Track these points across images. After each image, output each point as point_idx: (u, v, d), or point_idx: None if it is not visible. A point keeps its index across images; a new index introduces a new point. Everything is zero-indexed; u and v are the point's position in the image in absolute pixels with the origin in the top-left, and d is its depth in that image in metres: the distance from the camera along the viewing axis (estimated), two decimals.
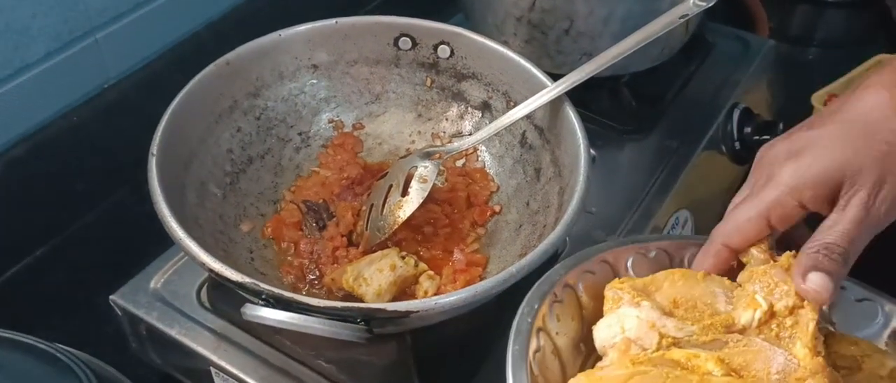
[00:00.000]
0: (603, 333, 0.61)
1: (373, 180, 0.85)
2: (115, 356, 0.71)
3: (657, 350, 0.59)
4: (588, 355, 0.65)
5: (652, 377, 0.56)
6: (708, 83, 1.07)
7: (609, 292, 0.63)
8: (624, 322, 0.60)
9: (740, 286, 0.62)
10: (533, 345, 0.61)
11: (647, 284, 0.63)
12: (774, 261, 0.62)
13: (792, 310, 0.59)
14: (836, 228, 0.59)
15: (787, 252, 0.61)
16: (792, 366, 0.57)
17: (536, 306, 0.63)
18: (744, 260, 0.64)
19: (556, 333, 0.64)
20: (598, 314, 0.64)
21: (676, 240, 0.71)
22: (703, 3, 0.78)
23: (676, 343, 0.59)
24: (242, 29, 0.87)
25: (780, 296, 0.59)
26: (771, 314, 0.59)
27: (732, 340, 0.59)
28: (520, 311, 0.63)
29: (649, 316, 0.60)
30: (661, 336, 0.59)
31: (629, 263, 0.70)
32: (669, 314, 0.60)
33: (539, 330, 0.63)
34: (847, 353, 0.63)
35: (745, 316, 0.59)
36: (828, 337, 0.63)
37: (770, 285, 0.60)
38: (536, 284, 0.65)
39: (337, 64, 0.89)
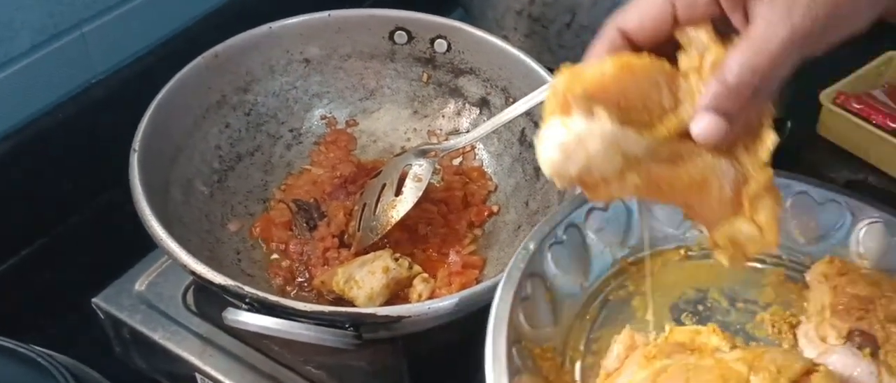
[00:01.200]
0: (556, 151, 0.50)
1: (366, 179, 0.82)
2: (100, 359, 0.70)
3: (619, 175, 0.52)
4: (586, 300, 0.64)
5: (673, 373, 0.54)
6: None
7: (551, 93, 0.51)
8: (587, 143, 0.49)
9: (683, 75, 0.53)
10: (523, 292, 0.60)
11: (591, 82, 0.51)
12: (720, 44, 0.52)
13: None
14: (736, 54, 0.49)
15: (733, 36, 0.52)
16: (741, 178, 0.53)
17: (533, 247, 0.62)
18: (682, 41, 0.54)
19: (554, 276, 0.63)
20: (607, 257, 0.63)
21: None
22: None
23: (637, 163, 0.52)
24: (235, 23, 0.85)
25: None
26: None
27: (686, 152, 0.52)
28: (513, 256, 0.61)
29: (609, 132, 0.50)
30: (624, 157, 0.51)
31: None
32: (624, 123, 0.51)
33: (532, 274, 0.61)
34: None
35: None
36: None
37: None
38: (536, 226, 0.64)
39: (330, 58, 0.87)
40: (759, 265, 0.68)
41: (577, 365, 0.62)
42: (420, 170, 0.77)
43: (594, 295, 0.66)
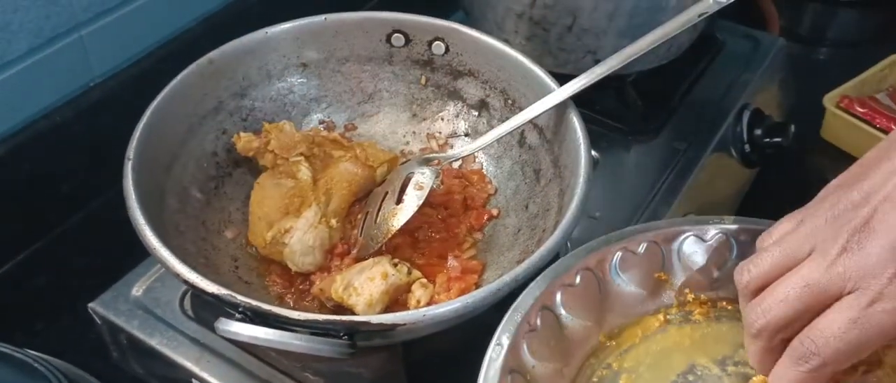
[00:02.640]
0: None
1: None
2: (97, 364, 0.69)
3: None
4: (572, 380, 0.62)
5: None
6: (717, 83, 1.04)
7: None
8: None
9: None
10: None
11: None
12: None
13: None
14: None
15: None
16: None
17: (507, 342, 0.59)
18: None
19: (533, 367, 0.60)
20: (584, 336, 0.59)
21: (665, 229, 0.67)
22: (723, 0, 0.74)
23: None
24: (234, 27, 0.84)
25: None
26: None
27: None
28: (488, 353, 0.58)
29: None
30: None
31: (616, 262, 0.65)
32: None
33: (512, 371, 0.58)
34: None
35: None
36: None
37: None
38: (507, 314, 0.61)
39: (327, 62, 0.86)
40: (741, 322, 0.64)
41: None
42: (422, 178, 0.76)
43: (578, 379, 0.63)
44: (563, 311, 0.63)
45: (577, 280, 0.64)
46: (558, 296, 0.63)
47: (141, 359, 0.79)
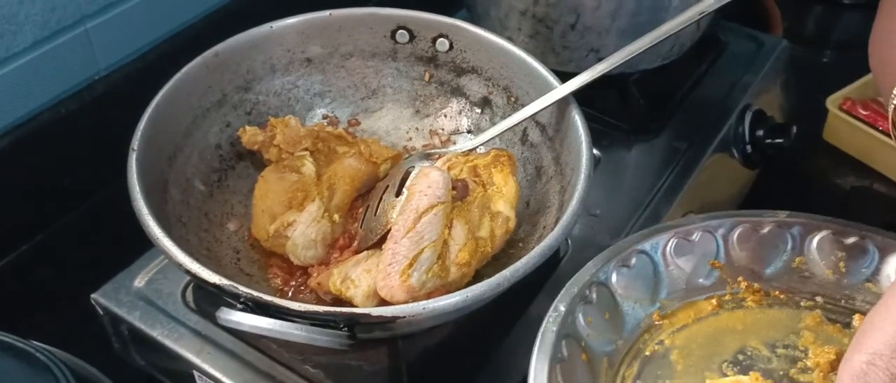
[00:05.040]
0: None
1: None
2: (99, 356, 0.69)
3: None
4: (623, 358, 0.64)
5: None
6: (720, 83, 1.04)
7: None
8: None
9: None
10: (558, 354, 0.60)
11: None
12: None
13: None
14: None
15: None
16: None
17: (563, 309, 0.62)
18: None
19: (588, 335, 0.62)
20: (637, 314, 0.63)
21: (721, 219, 0.69)
22: None
23: None
24: (238, 21, 0.84)
25: None
26: None
27: None
28: (546, 318, 0.62)
29: None
30: None
31: (671, 248, 0.68)
32: None
33: (567, 335, 0.61)
34: None
35: None
36: None
37: None
38: (565, 287, 0.65)
39: (331, 57, 0.86)
40: (794, 309, 0.68)
41: None
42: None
43: (630, 351, 0.66)
44: (618, 289, 0.67)
45: (633, 261, 0.68)
46: (614, 275, 0.67)
47: (143, 351, 0.79)
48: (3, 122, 0.88)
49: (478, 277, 0.73)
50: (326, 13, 0.84)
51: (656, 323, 0.68)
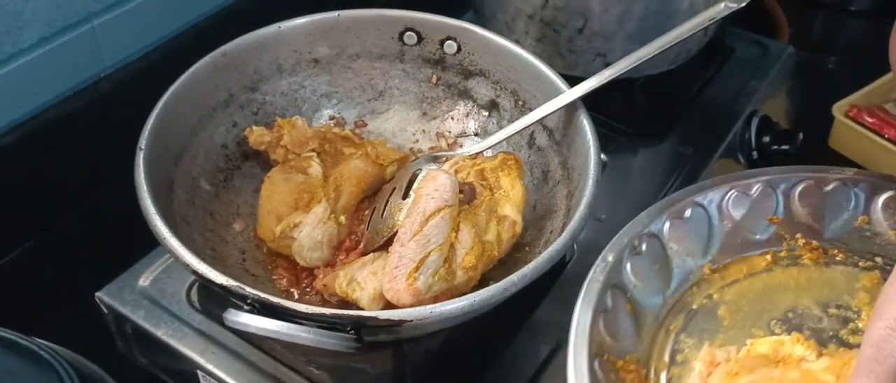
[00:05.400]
0: None
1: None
2: (102, 355, 0.68)
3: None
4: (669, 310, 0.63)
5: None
6: (726, 89, 1.04)
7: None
8: None
9: None
10: (603, 304, 0.60)
11: None
12: None
13: None
14: None
15: None
16: None
17: (611, 259, 0.62)
18: None
19: (635, 286, 0.62)
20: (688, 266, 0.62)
21: (783, 174, 0.68)
22: (735, 5, 0.75)
23: None
24: (246, 21, 0.84)
25: None
26: None
27: None
28: (593, 268, 0.61)
29: None
30: None
31: (729, 201, 0.67)
32: None
33: (613, 286, 0.61)
34: None
35: None
36: None
37: None
38: (614, 238, 0.64)
39: (338, 58, 0.86)
40: (851, 268, 0.67)
41: (663, 376, 0.61)
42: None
43: (677, 304, 0.65)
44: (669, 241, 0.66)
45: (688, 213, 0.66)
46: (667, 226, 0.66)
47: (146, 350, 0.79)
48: (8, 119, 0.87)
49: (483, 281, 0.73)
50: (334, 14, 0.84)
51: (706, 276, 0.66)
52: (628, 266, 0.63)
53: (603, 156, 0.89)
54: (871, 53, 1.36)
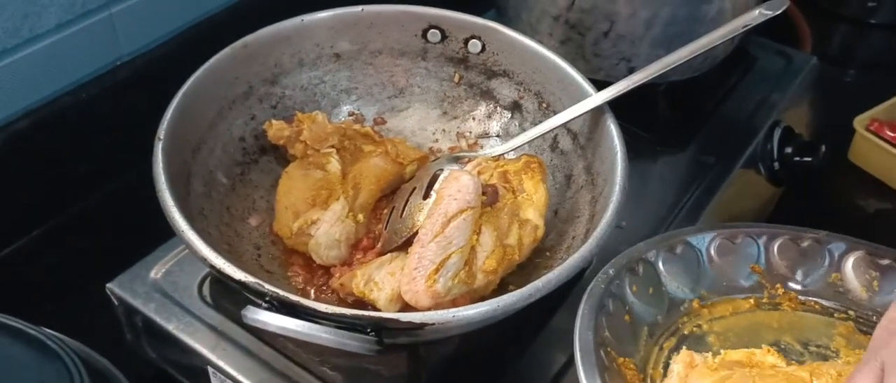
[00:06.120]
0: None
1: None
2: (110, 347, 0.67)
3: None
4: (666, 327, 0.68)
5: (738, 379, 0.60)
6: (749, 98, 1.02)
7: None
8: None
9: None
10: (605, 307, 0.64)
11: None
12: None
13: None
14: None
15: None
16: None
17: (612, 272, 0.67)
18: None
19: (632, 303, 0.67)
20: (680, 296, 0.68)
21: (765, 229, 0.74)
22: (770, 13, 0.73)
23: None
24: (265, 13, 0.83)
25: None
26: None
27: None
28: (597, 276, 0.66)
29: None
30: None
31: (715, 246, 0.72)
32: None
33: (613, 295, 0.66)
34: None
35: None
36: None
37: None
38: (616, 257, 0.69)
39: (360, 53, 0.85)
40: (828, 318, 0.72)
41: None
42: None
43: (670, 327, 0.69)
44: (663, 270, 0.71)
45: (679, 249, 0.72)
46: (661, 258, 0.71)
47: (156, 343, 0.77)
48: (23, 104, 0.86)
49: (502, 286, 0.72)
50: (358, 9, 0.82)
51: (696, 309, 0.71)
52: (627, 283, 0.68)
53: None
54: (892, 67, 1.36)
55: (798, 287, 0.73)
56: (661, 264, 0.70)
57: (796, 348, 0.69)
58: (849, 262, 0.73)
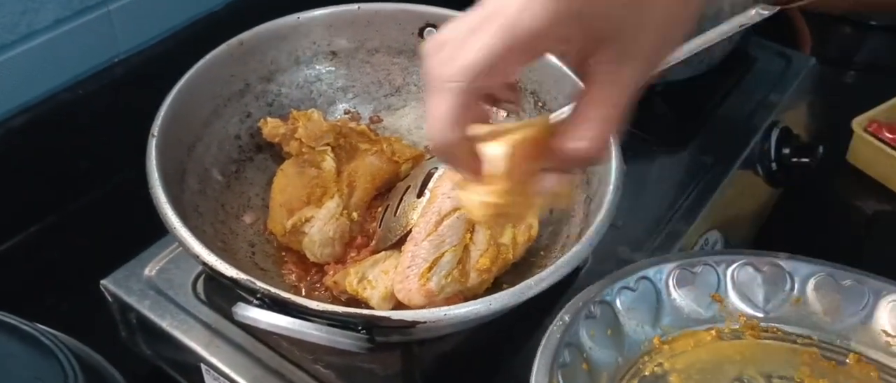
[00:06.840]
0: None
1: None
2: (105, 344, 0.67)
3: None
4: (623, 375, 0.66)
5: None
6: (747, 99, 1.02)
7: None
8: None
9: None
10: (561, 359, 0.61)
11: None
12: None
13: None
14: None
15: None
16: None
17: (568, 319, 0.64)
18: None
19: (590, 349, 0.64)
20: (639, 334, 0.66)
21: (723, 256, 0.72)
22: (767, 12, 0.73)
23: None
24: (262, 10, 0.83)
25: None
26: None
27: None
28: (551, 325, 0.63)
29: None
30: None
31: (674, 277, 0.70)
32: None
33: (569, 344, 0.63)
34: None
35: None
36: None
37: None
38: (571, 300, 0.66)
39: (357, 52, 0.85)
40: (792, 345, 0.70)
41: None
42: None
43: (631, 369, 0.67)
44: (620, 309, 0.68)
45: (637, 285, 0.69)
46: (618, 296, 0.68)
47: (150, 340, 0.77)
48: (20, 100, 0.86)
49: (496, 285, 0.72)
50: (354, 7, 0.83)
51: (657, 346, 0.69)
52: (583, 329, 0.65)
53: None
54: (891, 69, 1.36)
55: (760, 314, 0.71)
56: (618, 303, 0.68)
57: (760, 381, 0.67)
58: (810, 285, 0.71)
